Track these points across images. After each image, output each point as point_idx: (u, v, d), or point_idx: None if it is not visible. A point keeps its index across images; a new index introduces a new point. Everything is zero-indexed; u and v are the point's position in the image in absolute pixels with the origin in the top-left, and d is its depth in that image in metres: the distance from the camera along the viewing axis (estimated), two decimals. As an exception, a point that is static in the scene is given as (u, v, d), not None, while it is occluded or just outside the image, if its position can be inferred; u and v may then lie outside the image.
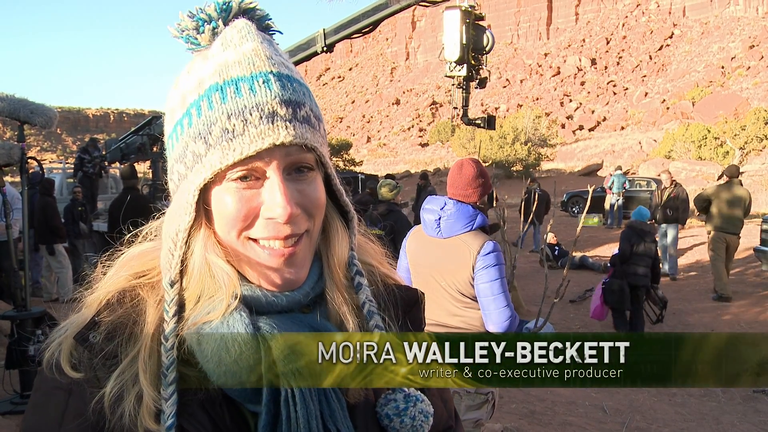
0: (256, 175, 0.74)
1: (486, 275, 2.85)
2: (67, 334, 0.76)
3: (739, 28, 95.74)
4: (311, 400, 0.74)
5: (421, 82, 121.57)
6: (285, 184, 0.74)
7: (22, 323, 4.56)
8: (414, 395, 0.82)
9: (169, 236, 0.77)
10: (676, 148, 32.51)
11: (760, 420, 5.12)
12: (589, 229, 16.32)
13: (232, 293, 0.75)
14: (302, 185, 0.76)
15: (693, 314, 8.60)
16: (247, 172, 0.73)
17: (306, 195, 0.76)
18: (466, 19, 5.54)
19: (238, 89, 0.72)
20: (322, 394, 0.75)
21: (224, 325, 0.73)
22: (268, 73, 0.73)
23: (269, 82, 0.73)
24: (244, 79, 0.73)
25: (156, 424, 0.70)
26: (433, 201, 3.03)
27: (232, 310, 0.74)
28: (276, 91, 0.73)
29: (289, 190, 0.74)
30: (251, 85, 0.72)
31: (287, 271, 0.77)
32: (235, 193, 0.74)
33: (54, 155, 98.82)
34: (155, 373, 0.72)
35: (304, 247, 0.78)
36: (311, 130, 0.75)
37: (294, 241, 0.76)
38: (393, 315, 0.87)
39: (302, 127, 0.74)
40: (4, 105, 4.45)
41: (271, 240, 0.75)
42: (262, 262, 0.76)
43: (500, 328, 2.87)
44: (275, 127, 0.71)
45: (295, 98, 0.74)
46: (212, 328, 0.73)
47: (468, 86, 6.04)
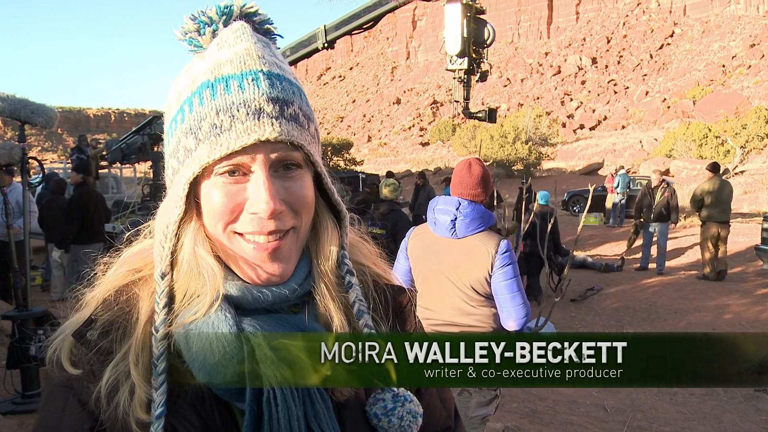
0: (243, 170, 0.76)
1: (504, 274, 2.91)
2: (66, 333, 0.79)
3: (740, 26, 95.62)
4: (293, 400, 0.74)
5: (421, 82, 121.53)
6: (270, 180, 0.75)
7: (24, 323, 4.57)
8: (403, 395, 0.82)
9: (160, 229, 0.79)
10: (676, 146, 32.47)
11: (762, 419, 5.12)
12: (590, 228, 16.32)
13: (216, 290, 0.76)
14: (288, 182, 0.77)
15: (694, 313, 8.59)
16: (234, 167, 0.75)
17: (292, 192, 0.77)
18: (467, 13, 5.54)
19: (227, 86, 0.74)
20: (306, 395, 0.76)
21: (209, 324, 0.74)
22: (258, 72, 0.75)
23: (258, 80, 0.74)
24: (234, 76, 0.74)
25: (147, 414, 0.72)
26: (446, 201, 3.04)
27: (217, 310, 0.75)
28: (264, 89, 0.74)
29: (273, 187, 0.75)
30: (240, 83, 0.74)
31: (272, 265, 0.78)
32: (222, 187, 0.75)
33: (55, 155, 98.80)
34: (147, 365, 0.74)
35: (290, 242, 0.79)
36: (299, 129, 0.76)
37: (278, 237, 0.77)
38: (383, 315, 0.88)
39: (289, 124, 0.75)
40: (5, 105, 4.45)
41: (256, 234, 0.76)
42: (247, 256, 0.77)
43: (519, 325, 2.94)
44: (261, 124, 0.73)
45: (284, 96, 0.75)
46: (197, 327, 0.75)
47: (469, 79, 6.04)
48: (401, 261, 3.13)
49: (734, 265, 11.29)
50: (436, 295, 2.94)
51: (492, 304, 2.97)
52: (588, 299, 9.71)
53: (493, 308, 2.98)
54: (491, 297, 2.96)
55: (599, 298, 9.73)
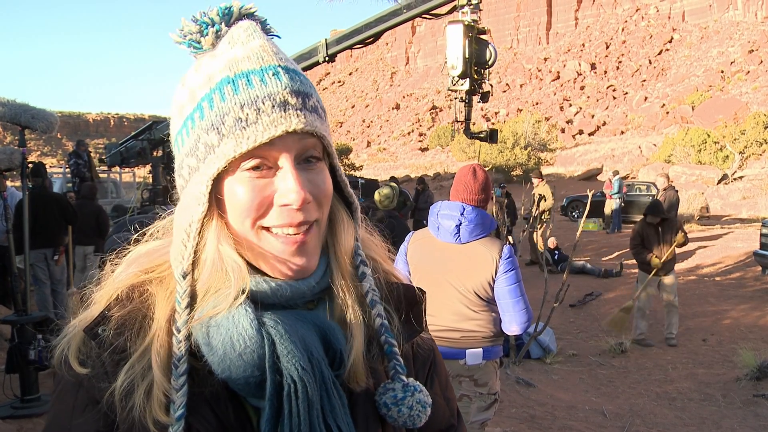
0: (268, 164, 0.76)
1: (507, 279, 2.93)
2: (76, 331, 0.78)
3: (739, 32, 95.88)
4: (314, 395, 0.75)
5: (420, 87, 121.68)
6: (297, 171, 0.76)
7: (23, 327, 4.57)
8: (412, 385, 0.83)
9: (181, 228, 0.78)
10: (675, 152, 32.53)
11: (760, 424, 5.11)
12: (589, 233, 16.32)
13: (240, 286, 0.76)
14: (311, 175, 0.78)
15: (693, 318, 8.60)
16: (259, 162, 0.76)
17: (315, 184, 0.78)
18: (468, 34, 5.55)
19: (249, 81, 0.75)
20: (324, 390, 0.76)
21: (230, 319, 0.75)
22: (277, 66, 0.76)
23: (279, 74, 0.76)
24: (254, 72, 0.75)
25: (166, 415, 0.72)
26: (450, 207, 3.05)
27: (239, 305, 0.76)
28: (286, 82, 0.75)
29: (301, 178, 0.76)
30: (262, 77, 0.75)
31: (300, 258, 0.78)
32: (249, 182, 0.76)
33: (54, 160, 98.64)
34: (166, 365, 0.74)
35: (314, 236, 0.80)
36: (320, 120, 0.78)
37: (306, 229, 0.78)
38: (395, 309, 0.89)
39: (312, 115, 0.77)
40: (5, 110, 4.46)
41: (285, 227, 0.77)
42: (276, 251, 0.78)
43: (521, 329, 2.97)
44: (287, 115, 0.74)
45: (304, 89, 0.77)
46: (218, 322, 0.75)
47: (470, 100, 6.06)
48: (399, 266, 3.12)
49: (733, 271, 11.30)
50: (437, 300, 2.95)
51: (493, 309, 2.99)
52: (587, 305, 9.71)
53: (493, 312, 2.99)
54: (493, 302, 2.98)
55: (598, 303, 9.74)
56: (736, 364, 6.44)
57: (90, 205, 8.41)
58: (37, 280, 7.10)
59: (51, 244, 7.11)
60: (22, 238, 4.68)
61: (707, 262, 12.18)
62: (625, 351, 7.36)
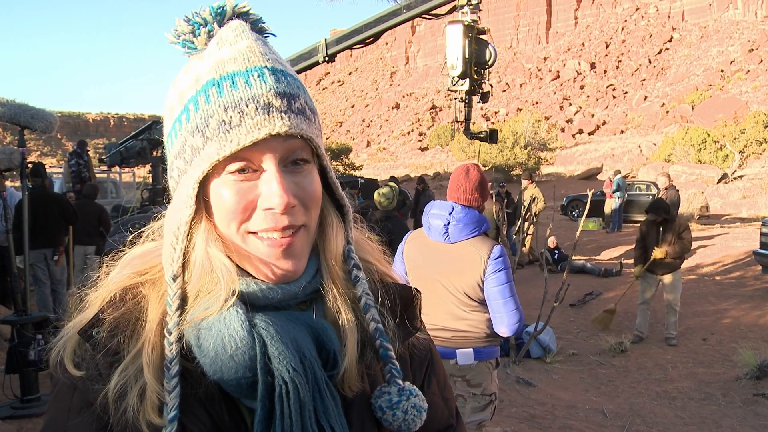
0: (253, 167, 0.75)
1: (497, 279, 2.90)
2: (71, 333, 0.78)
3: (738, 31, 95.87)
4: (306, 396, 0.74)
5: (420, 87, 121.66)
6: (281, 174, 0.75)
7: (23, 327, 4.57)
8: (408, 389, 0.83)
9: (170, 230, 0.78)
10: (675, 151, 32.51)
11: (761, 423, 5.11)
12: (588, 232, 16.31)
13: (230, 289, 0.76)
14: (298, 177, 0.77)
15: (693, 318, 8.59)
16: (244, 165, 0.75)
17: (302, 187, 0.77)
18: (468, 34, 5.54)
19: (234, 83, 0.74)
20: (317, 391, 0.76)
21: (221, 321, 0.75)
22: (263, 68, 0.75)
23: (264, 76, 0.74)
24: (239, 73, 0.74)
25: (159, 417, 0.72)
26: (440, 206, 3.04)
27: (230, 306, 0.75)
28: (271, 84, 0.74)
29: (285, 181, 0.75)
30: (246, 79, 0.74)
31: (286, 262, 0.78)
32: (233, 185, 0.75)
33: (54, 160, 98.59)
34: (158, 367, 0.74)
35: (302, 239, 0.79)
36: (306, 122, 0.77)
37: (291, 233, 0.77)
38: (390, 310, 0.88)
39: (297, 118, 0.75)
40: (5, 110, 4.46)
41: (270, 231, 0.76)
42: (262, 255, 0.77)
43: (511, 331, 2.93)
44: (271, 118, 0.73)
45: (290, 91, 0.76)
46: (209, 324, 0.75)
47: (470, 100, 6.05)
48: (397, 265, 3.13)
49: (733, 270, 11.29)
50: (431, 299, 2.94)
51: (485, 309, 2.97)
52: (587, 304, 9.71)
53: (486, 313, 2.97)
54: (485, 302, 2.96)
55: (598, 302, 9.73)
56: (736, 364, 6.44)
57: (92, 205, 8.41)
58: (37, 280, 7.11)
59: (51, 244, 7.11)
60: (21, 238, 4.68)
61: (707, 262, 12.17)
62: (625, 350, 7.36)
